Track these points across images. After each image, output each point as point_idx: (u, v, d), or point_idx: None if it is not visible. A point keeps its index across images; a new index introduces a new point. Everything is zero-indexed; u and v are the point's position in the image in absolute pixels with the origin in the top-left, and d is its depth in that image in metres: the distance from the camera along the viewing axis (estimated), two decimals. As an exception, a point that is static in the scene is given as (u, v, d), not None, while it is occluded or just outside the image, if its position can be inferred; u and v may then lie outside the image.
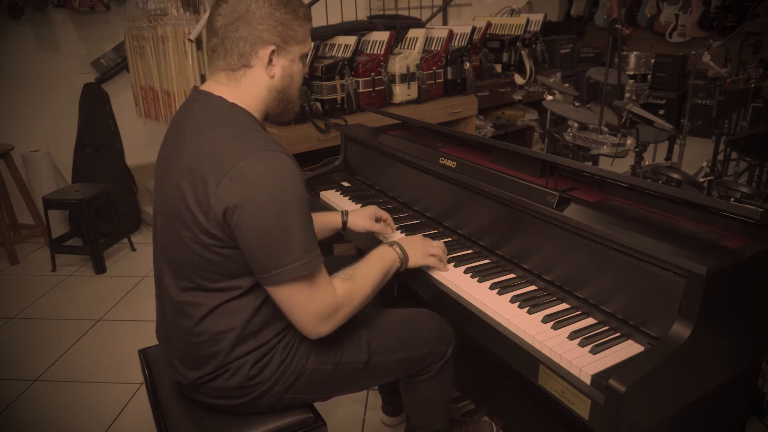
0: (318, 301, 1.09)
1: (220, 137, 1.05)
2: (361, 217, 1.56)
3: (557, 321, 1.13)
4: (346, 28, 2.91)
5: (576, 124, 2.90)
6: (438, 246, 1.39)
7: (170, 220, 1.11)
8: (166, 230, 1.14)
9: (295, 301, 1.08)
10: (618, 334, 1.08)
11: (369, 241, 1.61)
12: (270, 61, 1.12)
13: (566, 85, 3.81)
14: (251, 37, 1.09)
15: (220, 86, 1.14)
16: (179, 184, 1.07)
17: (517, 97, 3.66)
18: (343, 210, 1.58)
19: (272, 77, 1.14)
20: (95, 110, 3.64)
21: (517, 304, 1.21)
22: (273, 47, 1.11)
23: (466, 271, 1.36)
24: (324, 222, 1.57)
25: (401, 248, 1.33)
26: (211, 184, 1.02)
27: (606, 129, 2.88)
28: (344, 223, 1.56)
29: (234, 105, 1.12)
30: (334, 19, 3.43)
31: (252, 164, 1.01)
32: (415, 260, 1.34)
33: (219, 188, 1.01)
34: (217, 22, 1.10)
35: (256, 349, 1.15)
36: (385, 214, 1.58)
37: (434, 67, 2.99)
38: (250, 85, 1.14)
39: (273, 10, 1.09)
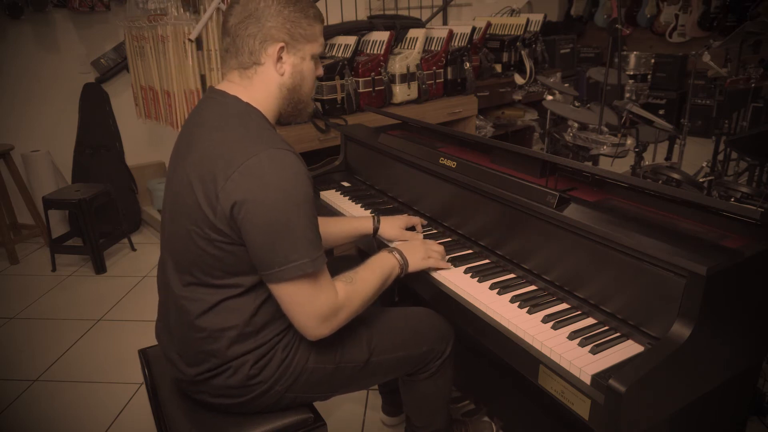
0: (320, 302, 1.10)
1: (232, 135, 1.07)
2: (393, 225, 1.55)
3: (557, 321, 1.13)
4: (346, 28, 2.91)
5: (576, 124, 2.90)
6: (436, 246, 1.40)
7: (178, 214, 1.13)
8: (173, 224, 1.15)
9: (297, 300, 1.08)
10: (618, 334, 1.08)
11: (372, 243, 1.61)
12: (279, 58, 1.14)
13: (566, 85, 3.81)
14: (260, 34, 1.11)
15: (234, 86, 1.16)
16: (189, 179, 1.08)
17: (517, 97, 3.66)
18: (374, 216, 1.57)
19: (282, 74, 1.16)
20: (95, 110, 3.64)
21: (517, 304, 1.21)
22: (282, 44, 1.13)
23: (466, 271, 1.36)
24: (354, 227, 1.57)
25: (401, 254, 1.34)
26: (220, 179, 1.03)
27: (606, 129, 2.88)
28: (375, 230, 1.56)
29: (248, 105, 1.14)
30: (334, 19, 3.44)
31: (262, 161, 1.03)
32: (414, 265, 1.35)
33: (228, 183, 1.02)
34: (229, 22, 1.13)
35: (257, 349, 1.15)
36: (415, 220, 1.59)
37: (434, 67, 2.99)
38: (262, 84, 1.15)
39: (282, 8, 1.11)
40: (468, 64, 3.16)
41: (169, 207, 1.18)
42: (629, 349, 1.04)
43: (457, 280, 1.32)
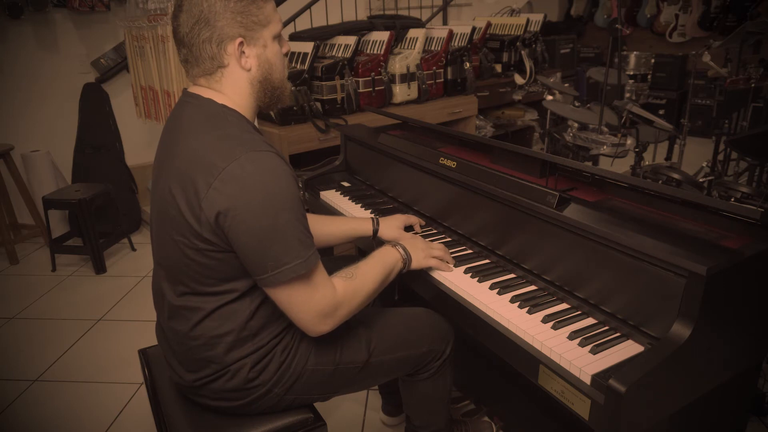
0: (318, 299, 1.09)
1: (211, 139, 1.04)
2: (391, 226, 1.54)
3: (557, 321, 1.13)
4: (346, 28, 2.91)
5: (576, 124, 2.90)
6: (440, 248, 1.39)
7: (164, 225, 1.10)
8: (160, 235, 1.13)
9: (295, 301, 1.08)
10: (618, 334, 1.08)
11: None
12: (242, 53, 1.09)
13: (566, 85, 3.81)
14: (215, 36, 1.06)
15: (206, 90, 1.12)
16: (171, 188, 1.06)
17: (517, 97, 3.66)
18: (374, 218, 1.57)
19: (249, 70, 1.11)
20: (95, 110, 3.64)
21: (517, 304, 1.21)
22: (240, 39, 1.08)
23: (466, 271, 1.36)
24: (353, 228, 1.56)
25: (405, 249, 1.33)
26: (202, 187, 1.01)
27: (606, 129, 2.89)
28: (375, 232, 1.55)
29: (224, 106, 1.10)
30: (334, 19, 3.44)
31: (243, 166, 1.00)
32: (418, 262, 1.34)
33: (210, 191, 1.00)
34: (180, 32, 1.08)
35: (255, 352, 1.15)
36: (413, 219, 1.59)
37: (434, 67, 2.99)
38: (232, 84, 1.11)
39: (227, 2, 1.05)
40: (468, 64, 3.16)
41: (155, 217, 1.15)
42: (629, 349, 1.04)
43: (457, 280, 1.32)
